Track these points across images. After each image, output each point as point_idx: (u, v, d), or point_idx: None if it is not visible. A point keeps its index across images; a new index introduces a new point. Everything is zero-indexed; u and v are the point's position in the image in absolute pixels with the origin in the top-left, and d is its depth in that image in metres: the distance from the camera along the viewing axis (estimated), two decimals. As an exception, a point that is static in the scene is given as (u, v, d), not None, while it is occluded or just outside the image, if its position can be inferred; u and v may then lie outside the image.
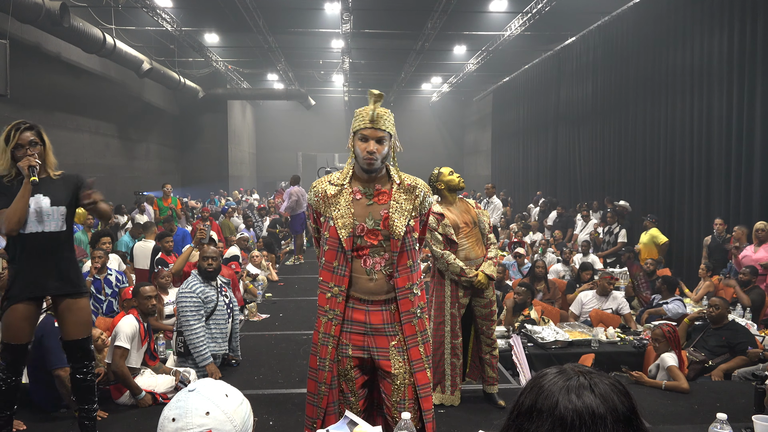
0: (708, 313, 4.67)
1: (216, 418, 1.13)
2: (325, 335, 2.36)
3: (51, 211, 2.89)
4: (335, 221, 2.32)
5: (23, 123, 2.90)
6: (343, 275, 2.34)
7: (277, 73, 19.49)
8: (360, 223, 2.33)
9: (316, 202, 2.42)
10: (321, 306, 2.40)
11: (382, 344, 2.36)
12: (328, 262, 2.36)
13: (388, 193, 2.38)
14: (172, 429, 1.12)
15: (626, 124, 10.54)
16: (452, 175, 3.76)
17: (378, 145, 2.28)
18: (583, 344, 4.73)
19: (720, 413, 2.19)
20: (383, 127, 2.30)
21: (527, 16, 11.66)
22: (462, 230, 3.65)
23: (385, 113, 2.33)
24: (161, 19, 11.83)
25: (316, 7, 12.68)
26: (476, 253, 3.66)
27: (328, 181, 2.42)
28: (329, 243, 2.35)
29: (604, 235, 9.49)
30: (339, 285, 2.34)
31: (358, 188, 2.38)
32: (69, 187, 2.98)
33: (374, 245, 2.34)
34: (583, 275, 6.67)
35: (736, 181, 7.59)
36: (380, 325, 2.36)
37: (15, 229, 2.80)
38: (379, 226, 2.34)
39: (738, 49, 7.53)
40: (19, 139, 2.84)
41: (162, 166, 17.70)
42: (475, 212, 3.74)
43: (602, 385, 0.89)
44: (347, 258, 2.33)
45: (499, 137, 19.91)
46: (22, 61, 9.07)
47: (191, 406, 1.13)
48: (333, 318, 2.35)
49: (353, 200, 2.36)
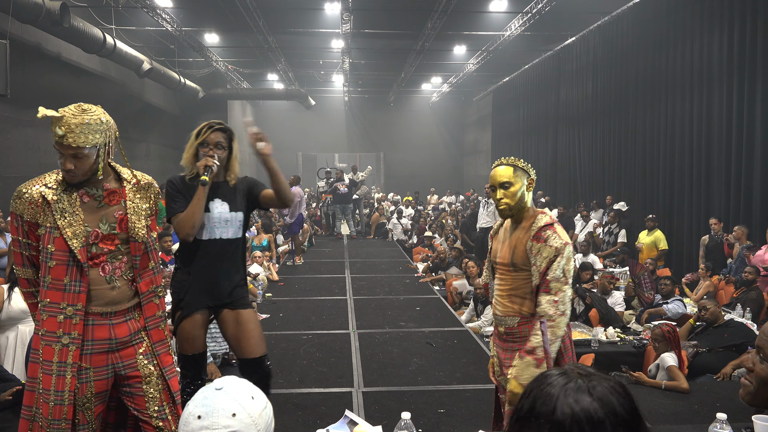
0: (701, 316, 4.70)
1: (242, 421, 1.12)
2: (60, 364, 2.02)
3: (230, 217, 2.77)
4: (62, 231, 2.03)
5: (218, 123, 2.76)
6: (78, 291, 2.05)
7: (277, 73, 19.48)
8: (93, 229, 2.09)
9: (27, 210, 2.05)
10: (50, 332, 2.03)
11: (129, 355, 2.16)
12: (56, 279, 2.03)
13: (119, 192, 2.19)
14: (197, 426, 1.11)
15: (626, 124, 10.54)
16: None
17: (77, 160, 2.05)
18: (583, 344, 4.73)
19: (720, 413, 2.19)
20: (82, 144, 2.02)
21: (527, 16, 11.65)
22: (497, 265, 2.49)
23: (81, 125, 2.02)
24: (161, 19, 11.83)
25: (316, 7, 12.67)
26: (505, 309, 2.41)
27: (43, 184, 2.08)
28: (56, 257, 2.03)
29: (604, 235, 9.49)
30: (74, 304, 2.04)
31: (84, 190, 2.11)
32: (244, 192, 2.86)
33: (112, 250, 2.13)
34: (583, 275, 6.67)
35: (736, 181, 7.59)
36: (126, 337, 2.16)
37: (190, 234, 2.65)
38: (115, 229, 2.14)
39: (738, 49, 7.54)
40: (208, 138, 2.71)
41: (162, 166, 17.70)
42: (530, 243, 2.29)
43: (601, 387, 0.87)
44: (82, 271, 2.05)
45: (499, 137, 19.90)
46: (22, 61, 9.07)
47: (218, 405, 1.12)
48: (70, 343, 2.03)
49: (81, 204, 2.09)
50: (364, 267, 9.19)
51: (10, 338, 3.87)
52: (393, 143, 25.95)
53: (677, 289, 6.18)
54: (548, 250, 2.20)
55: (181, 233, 2.65)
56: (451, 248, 9.04)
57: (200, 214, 2.66)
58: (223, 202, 2.78)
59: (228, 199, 2.80)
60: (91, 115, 2.05)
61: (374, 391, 3.91)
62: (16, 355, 3.82)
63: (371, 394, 3.85)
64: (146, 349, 2.21)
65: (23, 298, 2.27)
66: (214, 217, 2.74)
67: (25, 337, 3.79)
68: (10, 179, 9.42)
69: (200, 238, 2.73)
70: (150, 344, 2.23)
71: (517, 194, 2.34)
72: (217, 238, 2.74)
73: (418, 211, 15.72)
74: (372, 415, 3.49)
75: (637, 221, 9.50)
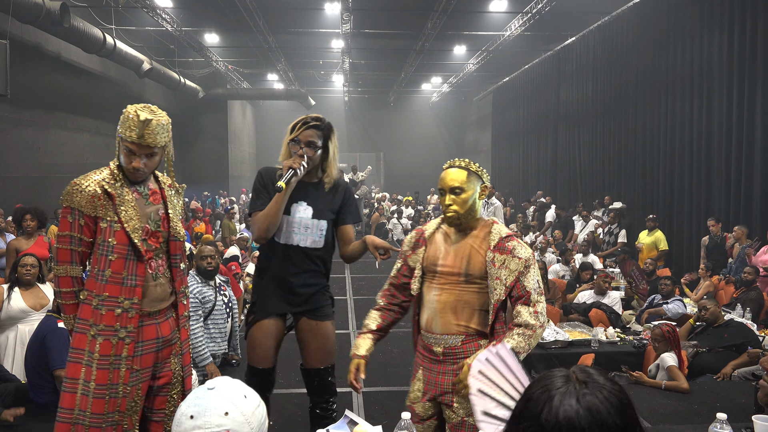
0: (701, 316, 4.70)
1: (235, 419, 1.12)
2: (116, 357, 2.05)
3: (311, 224, 2.50)
4: (124, 224, 2.07)
5: (315, 119, 2.50)
6: (134, 285, 2.08)
7: (277, 73, 19.49)
8: (144, 225, 2.14)
9: (88, 204, 2.06)
10: (108, 326, 2.05)
11: (166, 355, 2.22)
12: (115, 273, 2.06)
13: (158, 192, 2.24)
14: (189, 426, 1.11)
15: (626, 124, 10.54)
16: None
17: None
18: (583, 344, 4.72)
19: (720, 413, 2.18)
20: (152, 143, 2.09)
21: (527, 16, 11.65)
22: (438, 275, 2.16)
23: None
24: (161, 19, 11.83)
25: (316, 7, 12.68)
26: (446, 326, 2.11)
27: (101, 179, 2.11)
28: (117, 251, 2.06)
29: (604, 235, 9.49)
30: (130, 297, 2.08)
31: (134, 187, 2.17)
32: (337, 203, 2.58)
33: (157, 248, 2.18)
34: (583, 275, 6.67)
35: (736, 181, 7.59)
36: (169, 335, 2.22)
37: (264, 237, 2.45)
38: (159, 227, 2.18)
39: (738, 50, 7.54)
40: (300, 135, 2.45)
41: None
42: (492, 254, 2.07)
43: (592, 396, 0.83)
44: (139, 265, 2.10)
45: (499, 137, 19.91)
46: (22, 61, 9.07)
47: (210, 404, 1.12)
48: (126, 336, 2.07)
49: (136, 200, 2.15)
50: (364, 267, 9.19)
51: (10, 338, 3.87)
52: (393, 143, 25.95)
53: (677, 289, 6.17)
54: (516, 262, 2.03)
55: (254, 234, 2.50)
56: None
57: (275, 219, 2.43)
58: (308, 206, 2.51)
59: (314, 203, 2.52)
60: (162, 116, 2.12)
61: (374, 391, 3.91)
62: (16, 355, 3.82)
63: (371, 394, 3.85)
64: (177, 349, 2.27)
65: (63, 298, 2.13)
66: (294, 221, 2.50)
67: (25, 337, 3.79)
68: (10, 179, 9.42)
69: (278, 240, 2.51)
70: (180, 344, 2.27)
71: (468, 201, 2.09)
72: (293, 245, 2.49)
73: (418, 211, 15.72)
74: (372, 415, 3.49)
75: (637, 221, 9.50)
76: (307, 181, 2.51)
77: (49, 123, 10.69)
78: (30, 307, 3.92)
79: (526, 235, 10.57)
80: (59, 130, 11.03)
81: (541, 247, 8.86)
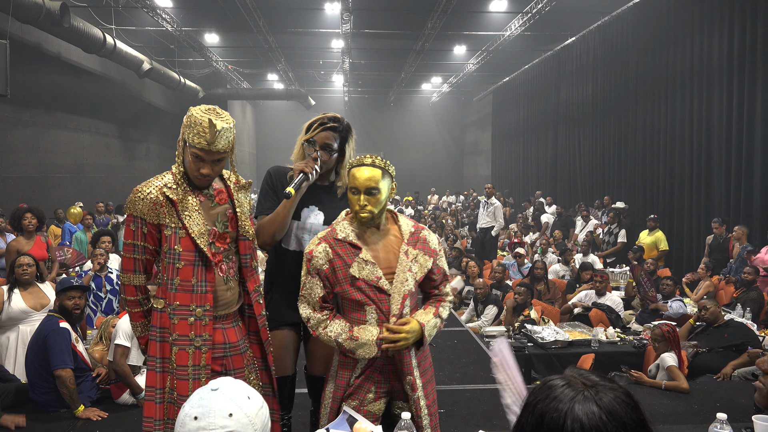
0: (701, 316, 4.70)
1: (239, 421, 1.12)
2: (195, 367, 2.01)
3: (321, 230, 2.28)
4: (189, 230, 2.01)
5: (332, 120, 2.33)
6: (205, 292, 2.03)
7: (277, 73, 19.49)
8: (211, 228, 2.07)
9: (150, 212, 2.01)
10: (182, 335, 2.00)
11: (239, 364, 2.15)
12: (184, 281, 2.01)
13: (224, 191, 2.16)
14: (193, 427, 1.11)
15: (626, 124, 10.54)
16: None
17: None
18: (583, 344, 4.73)
19: (720, 413, 2.19)
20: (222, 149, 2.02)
21: (527, 17, 11.66)
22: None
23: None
24: (161, 19, 11.83)
25: (316, 7, 12.68)
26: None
27: (163, 185, 2.04)
28: (184, 258, 2.01)
29: (604, 235, 9.49)
30: (202, 305, 2.02)
31: (198, 190, 2.10)
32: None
33: (226, 249, 2.11)
34: (583, 275, 6.68)
35: (736, 181, 7.60)
36: (237, 342, 2.14)
37: (268, 243, 2.33)
38: (227, 228, 2.11)
39: (738, 49, 7.54)
40: (316, 136, 2.30)
41: (162, 166, 17.68)
42: (406, 248, 2.09)
43: (607, 399, 0.84)
44: (207, 271, 2.03)
45: (499, 137, 19.91)
46: (22, 61, 9.07)
47: (214, 405, 1.12)
48: (202, 345, 2.02)
49: (200, 203, 2.07)
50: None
51: (11, 338, 3.87)
52: (393, 143, 25.94)
53: (677, 289, 6.18)
54: (425, 257, 2.07)
55: (258, 239, 2.31)
56: (450, 248, 9.04)
57: (282, 226, 2.29)
58: (319, 211, 2.37)
59: (326, 208, 2.37)
60: (229, 119, 2.02)
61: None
62: (17, 355, 3.82)
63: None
64: (249, 360, 2.19)
65: (129, 306, 2.10)
66: (305, 227, 2.36)
67: (26, 337, 3.79)
68: (10, 179, 9.42)
69: (286, 246, 2.38)
70: (251, 355, 2.20)
71: (382, 201, 2.02)
72: (300, 251, 2.31)
73: (418, 211, 15.72)
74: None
75: (637, 221, 9.50)
76: (319, 184, 2.39)
77: (49, 123, 10.69)
78: (30, 307, 3.93)
79: (525, 235, 10.57)
80: (59, 130, 11.02)
81: (542, 248, 8.87)
